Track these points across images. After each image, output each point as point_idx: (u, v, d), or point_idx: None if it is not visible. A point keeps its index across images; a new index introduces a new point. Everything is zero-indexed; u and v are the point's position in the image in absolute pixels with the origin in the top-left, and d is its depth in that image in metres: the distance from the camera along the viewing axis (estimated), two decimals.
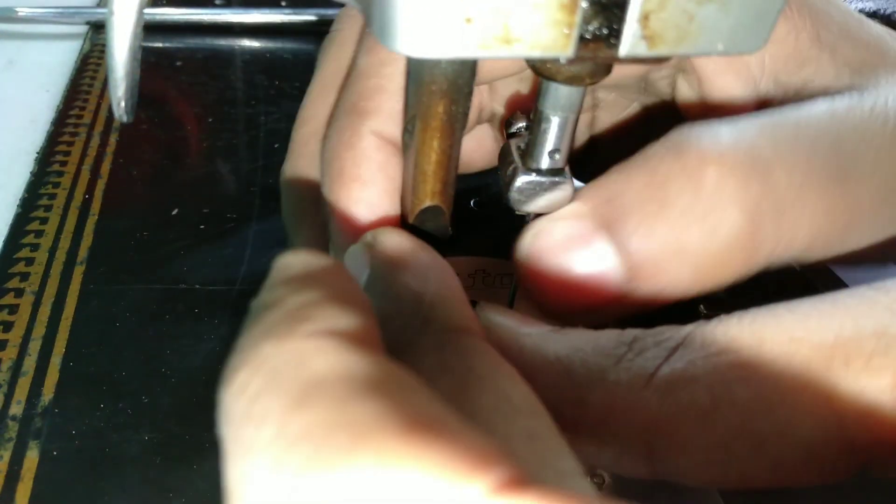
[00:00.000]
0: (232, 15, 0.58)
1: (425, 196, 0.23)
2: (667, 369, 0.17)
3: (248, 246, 0.38)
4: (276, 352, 0.13)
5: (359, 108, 0.24)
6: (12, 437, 0.29)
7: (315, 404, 0.12)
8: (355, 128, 0.24)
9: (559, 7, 0.15)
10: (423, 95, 0.20)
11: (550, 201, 0.23)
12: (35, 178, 0.42)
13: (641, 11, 0.16)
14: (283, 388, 0.12)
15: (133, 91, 0.20)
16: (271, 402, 0.12)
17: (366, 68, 0.25)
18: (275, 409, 0.12)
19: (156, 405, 0.31)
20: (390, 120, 0.24)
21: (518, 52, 0.16)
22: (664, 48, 0.17)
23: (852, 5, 0.37)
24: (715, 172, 0.20)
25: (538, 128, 0.22)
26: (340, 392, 0.12)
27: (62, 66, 0.53)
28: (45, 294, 0.35)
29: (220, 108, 0.50)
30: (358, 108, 0.24)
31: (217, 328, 0.34)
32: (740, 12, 0.17)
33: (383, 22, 0.15)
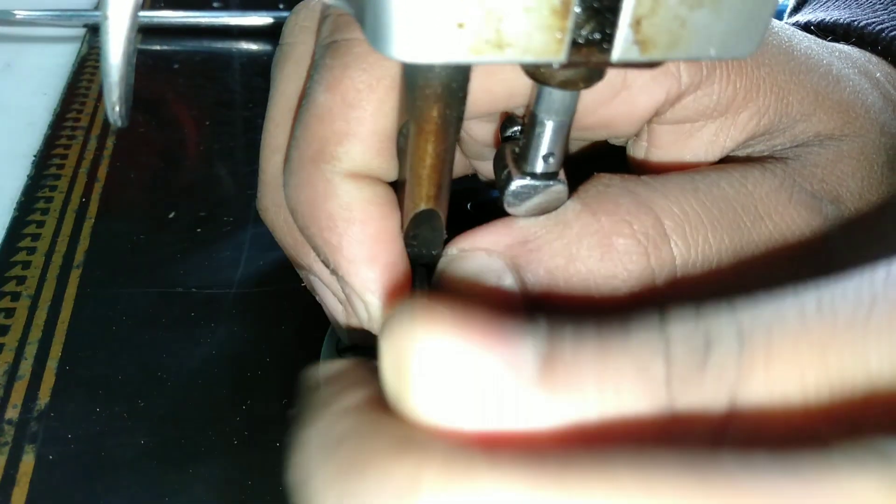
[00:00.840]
0: (230, 17, 0.59)
1: (420, 200, 0.23)
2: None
3: (244, 249, 0.38)
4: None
5: (326, 155, 0.23)
6: (8, 442, 0.29)
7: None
8: (327, 177, 0.23)
9: (551, 12, 0.15)
10: (418, 100, 0.20)
11: (545, 204, 0.23)
12: (32, 182, 0.42)
13: (633, 16, 0.16)
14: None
15: (128, 96, 0.20)
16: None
17: (327, 108, 0.23)
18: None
19: (152, 409, 0.31)
20: (364, 162, 0.23)
21: (510, 57, 0.16)
22: (656, 53, 0.17)
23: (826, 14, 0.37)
24: (624, 241, 0.22)
25: (532, 132, 0.22)
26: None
27: (59, 68, 0.53)
28: (42, 298, 0.35)
29: (218, 111, 0.50)
30: (325, 154, 0.23)
31: (213, 332, 0.34)
32: (732, 17, 0.17)
33: (376, 27, 0.15)
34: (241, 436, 0.30)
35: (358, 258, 0.23)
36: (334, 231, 0.23)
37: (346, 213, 0.23)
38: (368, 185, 0.23)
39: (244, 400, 0.31)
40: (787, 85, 0.26)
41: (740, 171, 0.24)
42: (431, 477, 0.12)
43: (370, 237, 0.23)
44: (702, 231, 0.23)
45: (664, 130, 0.26)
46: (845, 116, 0.27)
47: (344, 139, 0.23)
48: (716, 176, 0.24)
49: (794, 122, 0.26)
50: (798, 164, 0.25)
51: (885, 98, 0.30)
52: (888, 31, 0.33)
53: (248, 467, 0.29)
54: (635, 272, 0.22)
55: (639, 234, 0.22)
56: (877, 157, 0.27)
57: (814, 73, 0.27)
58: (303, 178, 0.23)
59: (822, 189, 0.25)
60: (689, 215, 0.23)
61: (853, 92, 0.28)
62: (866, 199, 0.27)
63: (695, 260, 0.23)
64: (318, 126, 0.23)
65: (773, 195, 0.24)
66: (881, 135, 0.28)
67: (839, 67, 0.29)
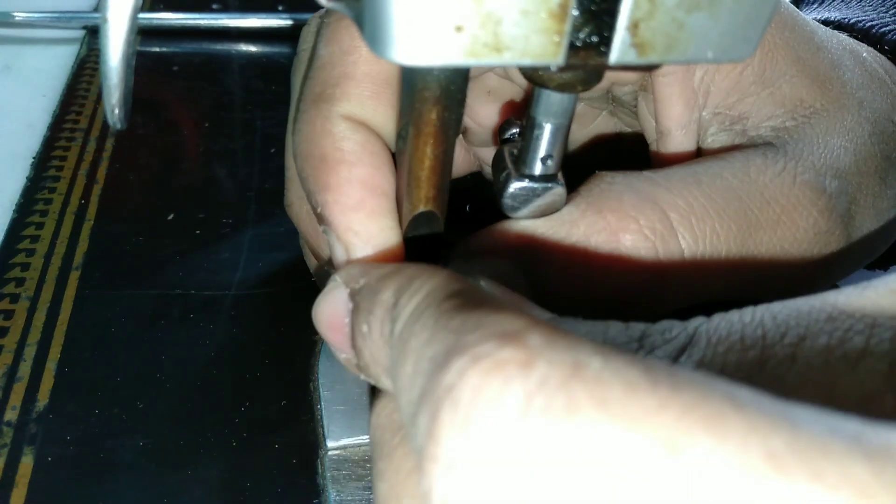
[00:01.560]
0: (229, 19, 0.59)
1: (419, 202, 0.23)
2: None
3: (243, 251, 0.38)
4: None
5: (325, 96, 0.24)
6: (7, 443, 0.29)
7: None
8: (325, 114, 0.24)
9: (549, 15, 0.15)
10: (416, 102, 0.20)
11: (543, 207, 0.23)
12: (31, 183, 0.42)
13: (631, 19, 0.16)
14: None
15: (127, 98, 0.20)
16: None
17: (328, 57, 0.25)
18: None
19: (151, 410, 0.31)
20: (360, 104, 0.24)
21: (508, 60, 0.16)
22: (654, 56, 0.17)
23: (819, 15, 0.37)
24: (632, 237, 0.22)
25: (531, 134, 0.22)
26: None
27: (59, 70, 0.53)
28: (41, 299, 0.35)
29: (217, 113, 0.50)
30: (324, 95, 0.24)
31: (212, 333, 0.34)
32: (729, 20, 0.17)
33: (375, 31, 0.16)
34: (239, 437, 0.30)
35: (344, 199, 0.23)
36: (324, 168, 0.23)
37: (337, 154, 0.23)
38: (364, 130, 0.24)
39: (243, 401, 0.31)
40: (773, 40, 0.27)
41: (741, 160, 0.25)
42: (537, 336, 0.13)
43: (358, 180, 0.23)
44: (708, 222, 0.23)
45: (661, 83, 0.26)
46: (821, 87, 0.27)
47: (341, 80, 0.24)
48: (718, 167, 0.24)
49: (779, 80, 0.27)
50: (795, 147, 0.26)
51: (870, 75, 0.30)
52: (878, 28, 0.33)
53: (247, 468, 0.29)
54: (644, 266, 0.22)
55: (646, 228, 0.22)
56: (861, 129, 0.28)
57: (797, 35, 0.27)
58: (304, 119, 0.25)
59: (823, 165, 0.26)
60: (694, 207, 0.23)
61: (832, 65, 0.28)
62: (863, 170, 0.27)
63: (703, 250, 0.23)
64: (320, 73, 0.25)
65: (776, 179, 0.24)
66: (861, 108, 0.28)
67: (822, 38, 0.29)
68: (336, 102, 0.24)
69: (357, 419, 0.29)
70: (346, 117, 0.24)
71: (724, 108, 0.27)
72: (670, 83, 0.26)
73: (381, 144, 0.24)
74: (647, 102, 0.28)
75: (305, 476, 0.29)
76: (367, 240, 0.23)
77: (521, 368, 0.12)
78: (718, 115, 0.27)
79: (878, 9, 0.36)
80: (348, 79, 0.24)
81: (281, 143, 0.30)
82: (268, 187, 0.43)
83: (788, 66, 0.27)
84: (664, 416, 0.11)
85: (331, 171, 0.23)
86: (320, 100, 0.24)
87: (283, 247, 0.39)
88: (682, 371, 0.12)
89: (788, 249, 0.25)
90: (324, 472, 0.28)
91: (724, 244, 0.23)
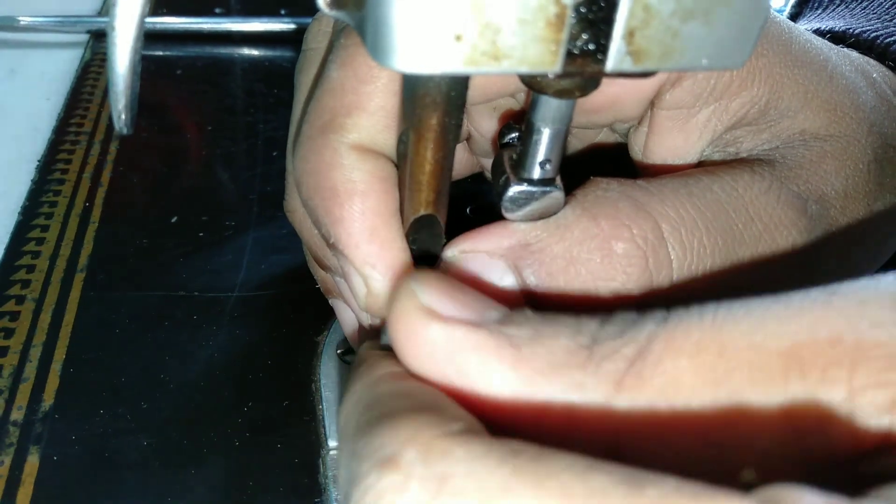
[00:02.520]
0: (232, 23, 0.59)
1: (420, 206, 0.23)
2: (632, 380, 0.17)
3: (245, 253, 0.39)
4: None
5: (335, 126, 0.24)
6: (13, 443, 0.29)
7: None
8: (334, 146, 0.24)
9: (546, 25, 0.16)
10: (418, 108, 0.21)
11: (541, 210, 0.24)
12: (36, 186, 0.42)
13: (626, 28, 0.16)
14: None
15: (133, 104, 0.21)
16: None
17: (340, 82, 0.24)
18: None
19: (155, 411, 0.31)
20: (370, 136, 0.24)
21: (507, 68, 0.16)
22: (649, 63, 0.17)
23: (822, 23, 0.38)
24: (624, 245, 0.23)
25: (529, 139, 0.22)
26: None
27: (63, 74, 0.53)
28: (46, 301, 0.35)
29: (220, 117, 0.50)
30: (334, 125, 0.24)
31: (215, 335, 0.34)
32: (723, 29, 0.17)
33: (377, 40, 0.16)
34: (242, 437, 0.30)
35: (357, 231, 0.23)
36: (335, 201, 0.23)
37: (348, 185, 0.23)
38: (372, 158, 0.24)
39: (245, 402, 0.31)
40: (782, 79, 0.27)
41: (731, 175, 0.25)
42: (412, 453, 0.15)
43: (371, 210, 0.23)
44: (697, 234, 0.24)
45: (663, 116, 0.27)
46: (832, 115, 0.28)
47: (353, 111, 0.24)
48: (708, 180, 0.25)
49: (781, 117, 0.27)
50: (784, 166, 0.26)
51: (880, 97, 0.31)
52: (883, 38, 0.34)
53: (250, 468, 0.29)
54: (634, 275, 0.23)
55: (638, 238, 0.23)
56: (862, 156, 0.28)
57: (807, 69, 0.28)
58: (310, 148, 0.24)
59: (807, 189, 0.26)
60: (685, 219, 0.23)
61: (845, 90, 0.28)
62: (852, 196, 0.28)
63: (690, 262, 0.23)
64: (330, 99, 0.24)
65: (762, 197, 0.25)
66: (868, 134, 0.28)
67: (835, 64, 0.29)
68: (346, 133, 0.24)
69: None
70: (355, 147, 0.24)
71: (722, 142, 0.28)
72: (673, 116, 0.27)
73: (390, 168, 0.24)
74: (637, 137, 0.28)
75: (307, 475, 0.29)
76: (384, 271, 0.23)
77: (397, 494, 0.14)
78: (714, 142, 0.28)
79: (883, 17, 0.36)
80: (361, 110, 0.24)
81: (283, 147, 0.30)
82: (270, 190, 0.43)
83: (794, 101, 0.27)
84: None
85: (343, 204, 0.23)
86: (329, 129, 0.24)
87: (285, 249, 0.39)
88: (541, 459, 0.14)
89: (767, 265, 0.25)
90: (325, 472, 0.29)
91: (710, 257, 0.24)
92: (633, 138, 0.28)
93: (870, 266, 0.32)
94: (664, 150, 0.27)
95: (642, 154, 0.28)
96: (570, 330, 0.18)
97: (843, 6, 0.39)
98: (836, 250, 0.28)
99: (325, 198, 0.24)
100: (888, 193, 0.29)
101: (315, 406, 0.31)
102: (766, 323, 0.16)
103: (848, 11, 0.38)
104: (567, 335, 0.17)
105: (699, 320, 0.17)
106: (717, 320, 0.17)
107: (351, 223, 0.23)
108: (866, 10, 0.37)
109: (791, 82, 0.27)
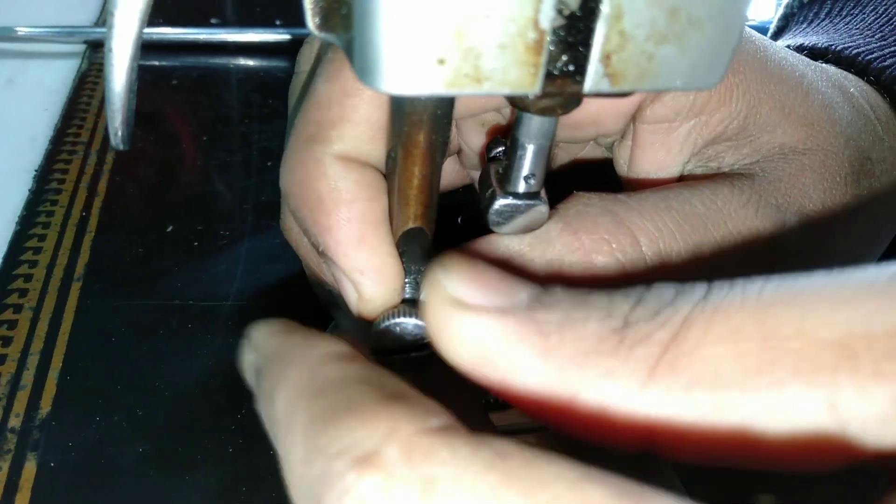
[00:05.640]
0: (227, 34, 0.60)
1: (409, 219, 0.24)
2: (665, 367, 0.15)
3: (240, 262, 0.39)
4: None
5: (320, 137, 0.24)
6: (11, 449, 0.30)
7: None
8: (318, 157, 0.24)
9: (526, 49, 0.17)
10: (405, 126, 0.21)
11: (527, 223, 0.24)
12: (33, 196, 0.43)
13: (603, 51, 0.17)
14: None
15: (129, 121, 0.21)
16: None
17: (326, 95, 0.25)
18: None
19: (150, 418, 0.31)
20: (355, 146, 0.24)
21: (488, 90, 0.17)
22: (626, 84, 0.18)
23: (806, 39, 0.38)
24: (604, 259, 0.23)
25: (514, 154, 0.23)
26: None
27: (60, 84, 0.54)
28: (43, 310, 0.36)
29: (215, 127, 0.51)
30: (319, 137, 0.24)
31: (210, 343, 0.35)
32: (697, 52, 0.18)
33: (363, 62, 0.17)
34: (236, 444, 0.31)
35: (345, 239, 0.24)
36: (322, 211, 0.24)
37: (334, 194, 0.24)
38: (357, 168, 0.24)
39: (239, 409, 0.32)
40: (759, 94, 0.28)
41: (710, 189, 0.26)
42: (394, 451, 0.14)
43: (357, 217, 0.24)
44: (675, 247, 0.24)
45: (645, 130, 0.28)
46: (809, 130, 0.28)
47: (338, 123, 0.24)
48: (688, 194, 0.25)
49: (760, 131, 0.28)
50: (763, 180, 0.27)
51: (857, 111, 0.31)
52: (864, 55, 0.34)
53: (243, 474, 0.30)
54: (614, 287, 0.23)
55: (617, 252, 0.24)
56: (839, 168, 0.29)
57: (784, 85, 0.28)
58: (296, 161, 0.25)
59: (785, 202, 0.27)
60: (663, 232, 0.24)
61: (821, 105, 0.29)
62: (829, 208, 0.28)
63: (668, 273, 0.24)
64: (315, 112, 0.25)
65: (741, 211, 0.26)
66: (846, 147, 0.29)
67: (811, 80, 0.30)
68: (331, 145, 0.24)
69: None
70: (340, 157, 0.24)
71: (704, 157, 0.28)
72: (655, 130, 0.27)
73: (376, 175, 0.25)
74: (621, 150, 0.29)
75: None
76: (373, 276, 0.24)
77: (380, 496, 0.14)
78: (696, 156, 0.28)
79: (865, 32, 0.37)
80: (345, 122, 0.24)
81: (278, 157, 0.31)
82: (264, 200, 0.44)
83: (772, 117, 0.28)
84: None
85: (330, 213, 0.24)
86: (313, 141, 0.24)
87: (279, 258, 0.40)
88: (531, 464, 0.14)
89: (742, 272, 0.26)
90: None
91: (689, 267, 0.25)
92: (618, 152, 0.29)
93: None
94: (647, 163, 0.28)
95: (627, 168, 0.29)
96: (601, 312, 0.17)
97: (827, 21, 0.40)
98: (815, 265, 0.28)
99: (311, 208, 0.24)
100: (865, 209, 0.30)
101: None
102: (818, 308, 0.15)
103: (832, 26, 0.39)
104: (598, 318, 0.16)
105: (741, 302, 0.15)
106: (762, 302, 0.15)
107: (339, 231, 0.24)
108: (849, 25, 0.38)
109: (768, 98, 0.28)
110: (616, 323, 0.16)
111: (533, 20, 0.16)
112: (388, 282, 0.24)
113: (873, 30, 0.37)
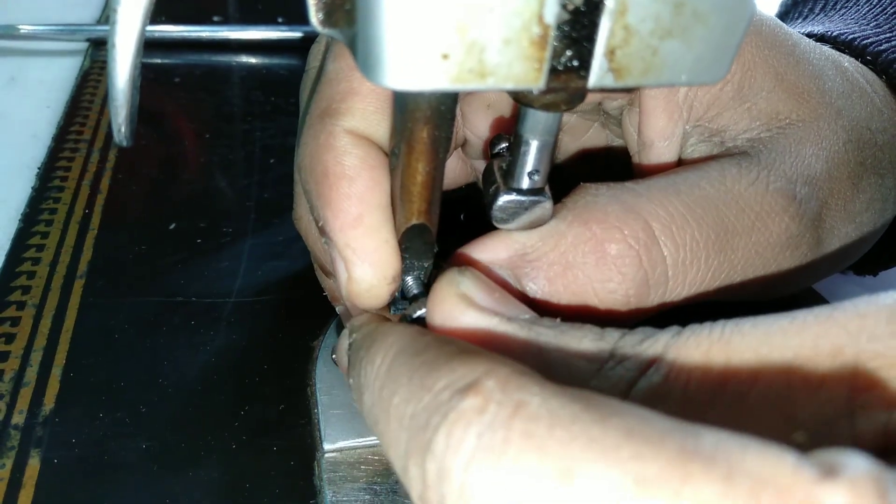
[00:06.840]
0: (230, 32, 0.60)
1: (412, 215, 0.24)
2: (643, 383, 0.18)
3: (243, 259, 0.39)
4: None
5: (331, 111, 0.25)
6: (14, 446, 0.30)
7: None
8: (329, 129, 0.25)
9: (530, 43, 0.17)
10: (408, 122, 0.21)
11: (531, 219, 0.24)
12: (36, 193, 0.43)
13: (607, 46, 0.17)
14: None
15: (133, 117, 0.21)
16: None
17: (335, 73, 0.26)
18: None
19: (153, 414, 0.31)
20: (364, 118, 0.25)
21: (492, 85, 0.17)
22: (630, 80, 0.18)
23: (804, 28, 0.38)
24: (617, 247, 0.24)
25: (518, 150, 0.23)
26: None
27: (63, 82, 0.54)
28: (46, 307, 0.36)
29: (218, 124, 0.51)
30: (330, 110, 0.25)
31: (212, 340, 0.35)
32: (701, 46, 0.18)
33: (367, 58, 0.17)
34: (239, 440, 0.31)
35: (343, 213, 0.24)
36: (325, 183, 0.24)
37: (338, 168, 0.24)
38: (365, 145, 0.25)
39: (242, 405, 0.32)
40: (753, 58, 0.28)
41: (717, 170, 0.26)
42: (491, 382, 0.16)
43: (357, 195, 0.24)
44: (688, 230, 0.24)
45: (646, 95, 0.28)
46: (799, 99, 0.29)
47: (347, 96, 0.25)
48: (696, 177, 0.25)
49: (756, 97, 0.28)
50: (768, 157, 0.27)
51: (851, 83, 0.31)
52: (860, 40, 0.34)
53: (246, 470, 0.30)
54: (629, 274, 0.24)
55: (629, 238, 0.24)
56: (835, 137, 0.29)
57: (776, 51, 0.29)
58: (310, 135, 0.26)
59: (794, 174, 0.27)
60: (674, 216, 0.24)
61: (811, 76, 0.29)
62: (836, 177, 0.28)
63: (684, 257, 0.24)
64: (327, 88, 0.26)
65: (750, 188, 0.26)
66: (838, 118, 0.29)
67: (803, 50, 0.30)
68: (341, 117, 0.25)
69: (353, 422, 0.30)
70: (350, 132, 0.25)
71: (704, 121, 0.28)
72: (655, 96, 0.28)
73: (382, 158, 0.25)
74: (631, 117, 0.29)
75: (302, 477, 0.30)
76: (364, 256, 0.24)
77: (477, 414, 0.16)
78: (698, 128, 0.28)
79: (860, 21, 0.37)
80: (354, 94, 0.25)
81: (280, 154, 0.31)
82: (267, 197, 0.44)
83: (766, 81, 0.28)
84: (571, 448, 0.15)
85: (332, 186, 0.24)
86: (325, 115, 0.25)
87: (281, 255, 0.40)
88: (607, 404, 0.15)
89: (763, 253, 0.26)
90: (320, 474, 0.29)
91: (704, 250, 0.24)
92: (627, 119, 0.29)
93: (867, 245, 0.32)
94: (651, 130, 0.28)
95: (637, 136, 0.29)
96: (594, 335, 0.20)
97: (822, 14, 0.40)
98: (834, 229, 0.29)
99: (317, 181, 0.25)
100: (872, 174, 0.30)
101: (310, 410, 0.32)
102: (772, 336, 0.17)
103: (827, 19, 0.39)
104: (591, 339, 0.20)
105: (709, 334, 0.18)
106: (726, 334, 0.18)
107: (338, 205, 0.24)
108: (844, 16, 0.38)
109: (762, 62, 0.28)
110: (606, 345, 0.19)
111: (537, 15, 0.16)
112: (379, 266, 0.24)
113: (868, 19, 0.37)
